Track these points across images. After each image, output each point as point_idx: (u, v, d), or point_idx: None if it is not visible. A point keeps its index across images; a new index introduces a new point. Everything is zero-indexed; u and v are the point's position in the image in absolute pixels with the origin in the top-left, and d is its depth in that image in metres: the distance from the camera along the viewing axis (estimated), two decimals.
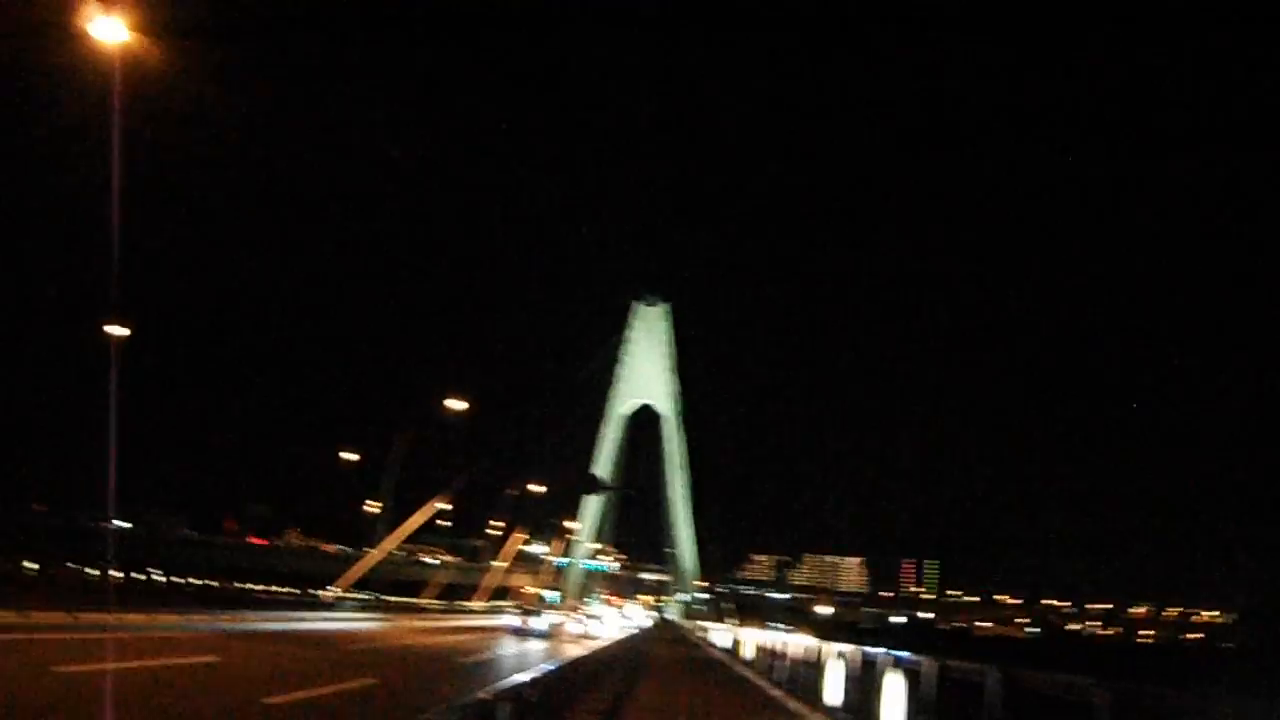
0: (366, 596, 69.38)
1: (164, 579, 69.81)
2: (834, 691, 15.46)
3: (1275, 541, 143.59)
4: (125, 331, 38.17)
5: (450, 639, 42.23)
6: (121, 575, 59.35)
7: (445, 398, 47.05)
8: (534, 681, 11.05)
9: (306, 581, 74.37)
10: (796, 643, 23.74)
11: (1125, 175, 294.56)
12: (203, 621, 34.29)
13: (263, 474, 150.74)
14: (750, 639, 33.86)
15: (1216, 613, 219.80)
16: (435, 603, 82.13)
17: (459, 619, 68.42)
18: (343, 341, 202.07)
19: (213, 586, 70.54)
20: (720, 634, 53.59)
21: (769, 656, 27.73)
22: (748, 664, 31.47)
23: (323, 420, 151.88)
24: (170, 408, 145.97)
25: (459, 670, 26.28)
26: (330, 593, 64.67)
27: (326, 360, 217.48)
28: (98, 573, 61.61)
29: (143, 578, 65.07)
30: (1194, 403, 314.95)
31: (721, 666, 33.17)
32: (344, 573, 74.66)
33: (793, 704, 17.19)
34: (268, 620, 38.77)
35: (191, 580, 74.70)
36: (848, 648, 16.17)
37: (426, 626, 50.03)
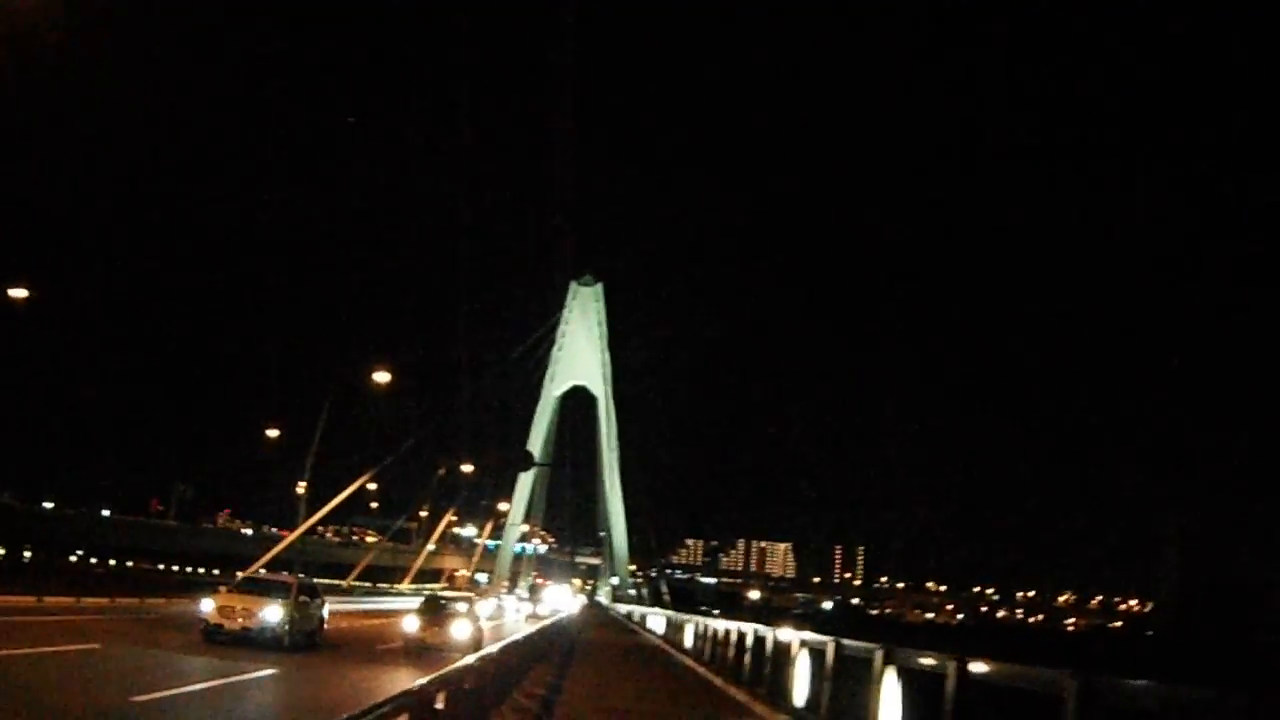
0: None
1: (74, 560, 67.01)
2: (802, 691, 13.73)
3: (1195, 531, 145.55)
4: (24, 293, 35.40)
5: (370, 622, 40.22)
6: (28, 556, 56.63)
7: (371, 372, 44.80)
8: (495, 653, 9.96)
9: (230, 564, 71.87)
10: (738, 629, 21.92)
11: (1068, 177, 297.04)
12: (98, 606, 32.57)
13: (190, 456, 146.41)
14: (689, 626, 32.08)
15: (1135, 602, 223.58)
16: (360, 585, 79.54)
17: (384, 602, 66.25)
18: (269, 317, 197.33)
19: (125, 569, 67.70)
20: (655, 619, 51.81)
21: (709, 644, 26.08)
22: (689, 653, 29.56)
23: (249, 399, 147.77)
24: (87, 388, 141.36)
25: (375, 658, 24.40)
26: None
27: (252, 335, 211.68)
28: None
29: (40, 558, 62.28)
30: (1120, 394, 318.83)
31: (662, 654, 31.44)
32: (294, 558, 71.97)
33: (759, 707, 15.35)
34: (173, 604, 36.51)
35: (108, 563, 71.87)
36: (814, 637, 14.49)
37: (347, 610, 47.77)
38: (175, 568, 79.93)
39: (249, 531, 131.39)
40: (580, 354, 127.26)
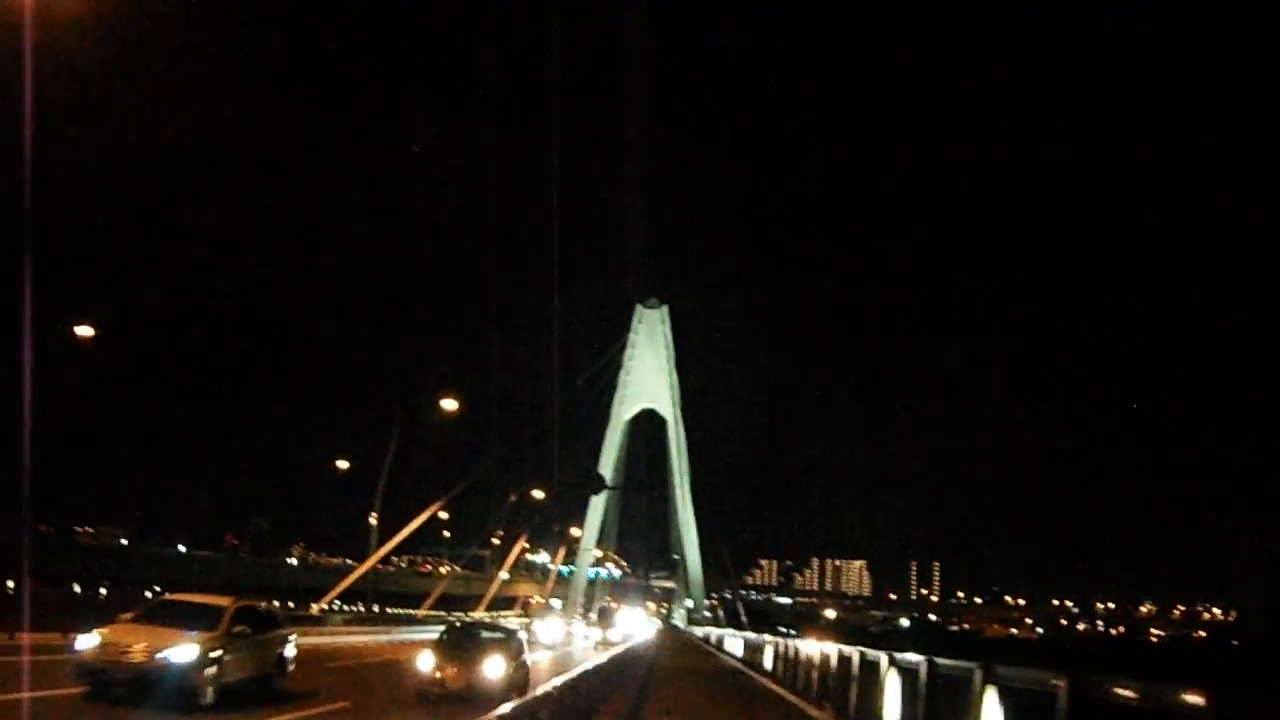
0: (358, 609, 67.03)
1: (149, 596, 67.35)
2: (893, 712, 13.23)
3: (1276, 537, 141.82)
4: (90, 331, 36.02)
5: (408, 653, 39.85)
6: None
7: (439, 399, 44.83)
8: (541, 699, 9.56)
9: (305, 595, 72.13)
10: (820, 649, 21.39)
11: (1111, 170, 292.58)
12: None
13: (263, 487, 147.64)
14: (768, 647, 31.52)
15: (1218, 611, 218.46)
16: (434, 614, 79.59)
17: (425, 631, 66.19)
18: (338, 345, 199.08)
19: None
20: (733, 640, 51.16)
21: (790, 665, 25.55)
22: (770, 674, 29.05)
23: (321, 429, 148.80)
24: (152, 419, 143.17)
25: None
26: (317, 606, 62.31)
27: (323, 365, 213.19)
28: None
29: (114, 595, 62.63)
30: (1195, 401, 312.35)
31: (741, 676, 30.93)
32: (368, 587, 72.30)
33: None
34: None
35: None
36: (904, 656, 14.11)
37: (421, 639, 47.51)
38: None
39: (335, 561, 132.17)
40: (647, 377, 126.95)
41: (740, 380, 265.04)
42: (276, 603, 39.36)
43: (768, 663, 30.08)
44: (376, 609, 70.74)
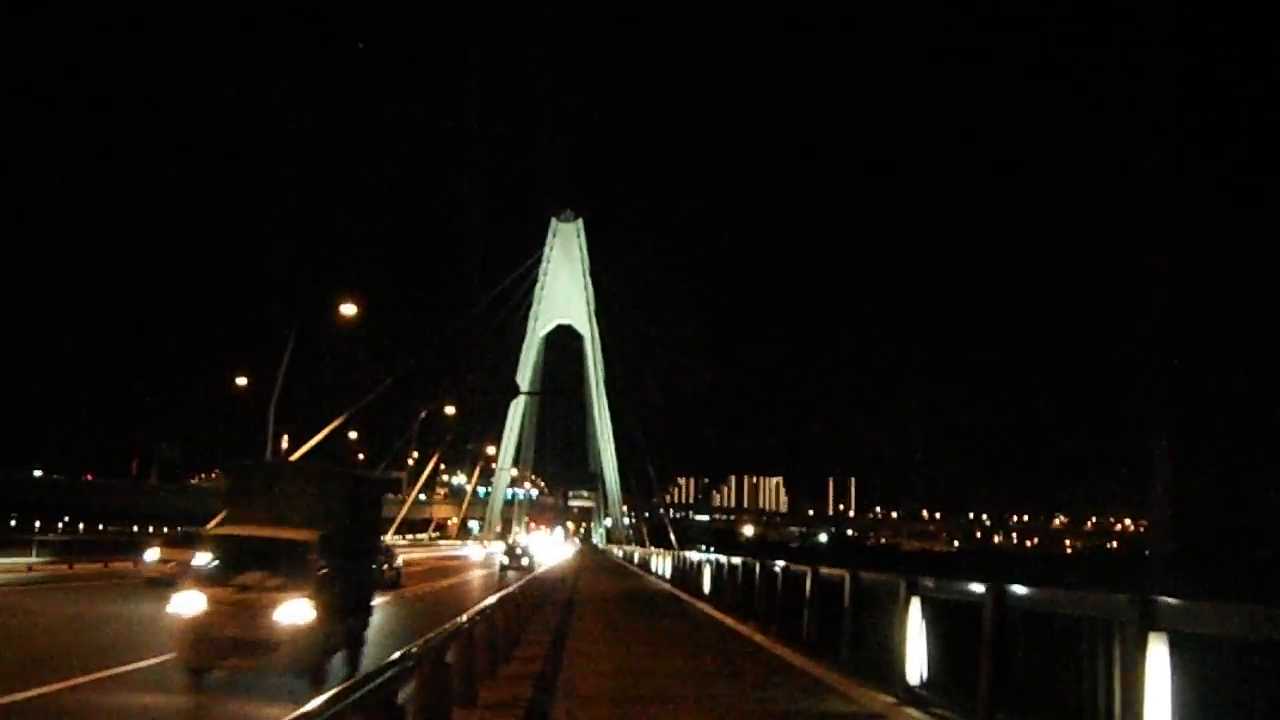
0: None
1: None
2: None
3: (1187, 445, 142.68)
4: None
5: None
6: None
7: (337, 305, 40.63)
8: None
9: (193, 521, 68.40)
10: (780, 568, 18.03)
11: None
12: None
13: (170, 415, 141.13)
14: (706, 568, 28.15)
15: (1129, 521, 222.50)
16: None
17: None
18: (236, 259, 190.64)
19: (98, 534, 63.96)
20: (660, 560, 48.03)
21: (733, 588, 22.26)
22: (712, 600, 25.56)
23: (222, 345, 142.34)
24: (56, 353, 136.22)
25: None
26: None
27: (221, 276, 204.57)
28: None
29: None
30: (1099, 310, 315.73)
31: (677, 603, 27.63)
32: None
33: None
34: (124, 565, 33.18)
35: (97, 528, 68.21)
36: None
37: None
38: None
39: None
40: (563, 292, 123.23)
41: (660, 296, 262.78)
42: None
43: (706, 585, 26.72)
44: None
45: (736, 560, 22.52)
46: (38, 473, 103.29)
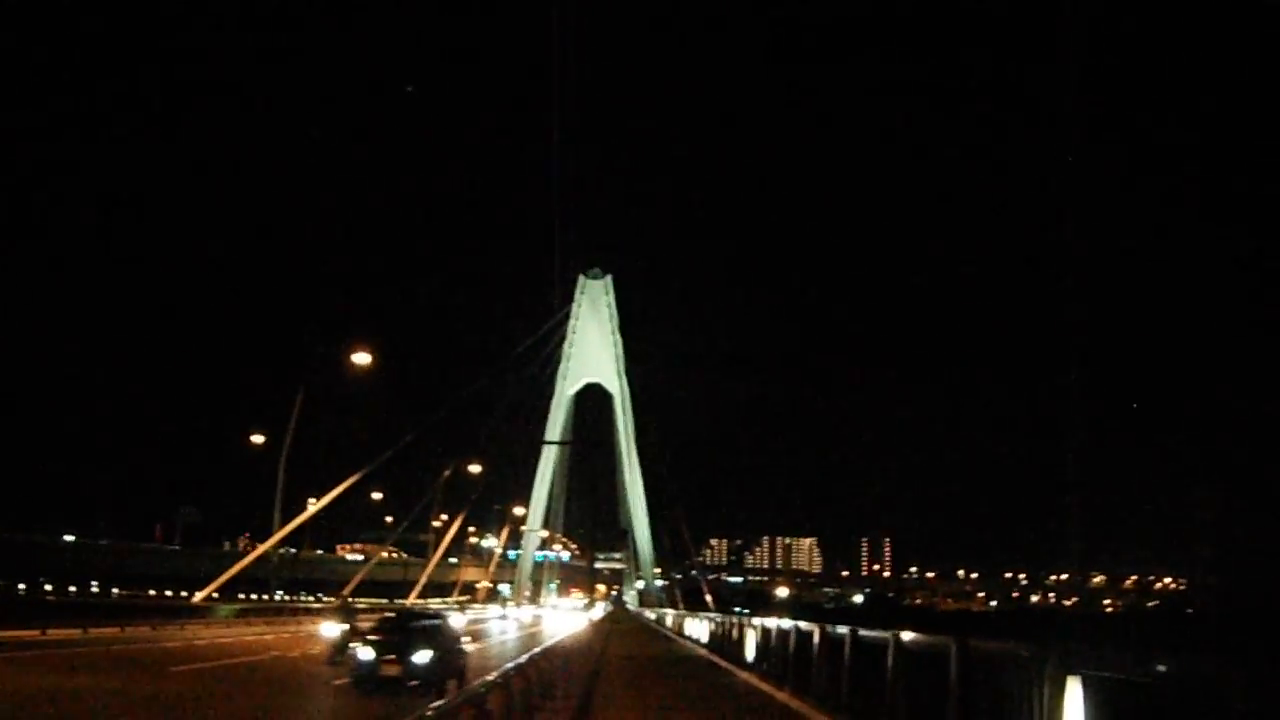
0: (259, 599, 61.90)
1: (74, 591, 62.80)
2: None
3: (1228, 506, 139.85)
4: None
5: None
6: None
7: (351, 352, 39.17)
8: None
9: (251, 586, 67.45)
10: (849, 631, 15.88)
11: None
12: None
13: (194, 478, 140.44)
14: (750, 631, 26.08)
15: (1169, 580, 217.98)
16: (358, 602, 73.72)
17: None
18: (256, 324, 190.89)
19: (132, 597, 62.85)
20: (695, 624, 45.66)
21: (783, 659, 20.27)
22: (755, 669, 23.28)
23: (249, 408, 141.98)
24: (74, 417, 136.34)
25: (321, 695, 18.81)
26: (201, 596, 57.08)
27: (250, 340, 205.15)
28: None
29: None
30: (1147, 367, 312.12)
31: (714, 672, 25.62)
32: (270, 575, 66.67)
33: None
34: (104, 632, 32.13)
35: (110, 592, 67.33)
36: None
37: (317, 633, 38.61)
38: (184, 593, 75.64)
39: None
40: (592, 350, 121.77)
41: (688, 356, 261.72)
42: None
43: (750, 653, 24.58)
44: (282, 597, 65.55)
45: (787, 624, 20.03)
46: (69, 537, 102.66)
